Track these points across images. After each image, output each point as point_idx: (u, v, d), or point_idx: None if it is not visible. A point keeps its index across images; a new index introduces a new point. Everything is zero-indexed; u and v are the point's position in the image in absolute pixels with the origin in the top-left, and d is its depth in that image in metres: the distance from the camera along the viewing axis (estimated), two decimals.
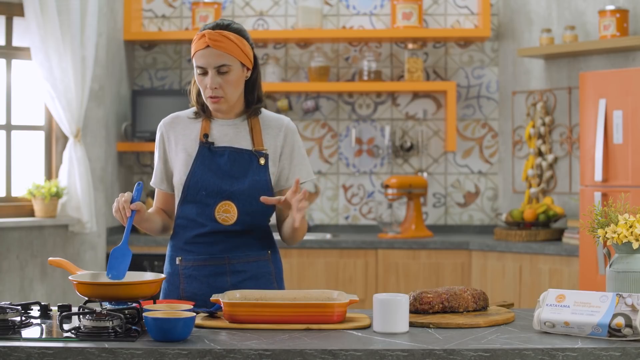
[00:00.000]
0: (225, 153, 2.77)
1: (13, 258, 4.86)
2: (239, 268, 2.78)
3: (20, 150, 5.09)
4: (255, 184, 2.75)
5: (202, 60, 2.70)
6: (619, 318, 2.16)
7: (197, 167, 2.76)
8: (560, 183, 5.43)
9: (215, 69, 2.70)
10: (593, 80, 4.53)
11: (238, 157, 2.77)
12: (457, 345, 2.12)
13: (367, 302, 4.96)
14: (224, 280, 2.76)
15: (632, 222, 2.39)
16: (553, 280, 4.80)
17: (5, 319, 2.27)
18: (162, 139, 2.84)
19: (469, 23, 5.73)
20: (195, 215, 2.76)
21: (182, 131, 2.82)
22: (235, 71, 2.72)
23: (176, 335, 2.18)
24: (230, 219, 2.75)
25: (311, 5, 5.62)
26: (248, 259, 2.79)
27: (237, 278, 2.77)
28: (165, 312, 2.26)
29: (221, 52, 2.69)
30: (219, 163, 2.76)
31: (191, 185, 2.75)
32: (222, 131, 2.80)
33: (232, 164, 2.76)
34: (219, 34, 2.69)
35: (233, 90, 2.74)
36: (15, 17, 5.01)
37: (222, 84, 2.71)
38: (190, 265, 2.77)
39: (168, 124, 2.85)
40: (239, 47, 2.72)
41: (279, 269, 2.91)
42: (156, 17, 5.80)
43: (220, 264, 2.77)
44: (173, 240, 2.84)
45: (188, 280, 2.77)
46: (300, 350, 2.09)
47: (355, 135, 5.75)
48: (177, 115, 2.87)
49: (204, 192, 2.74)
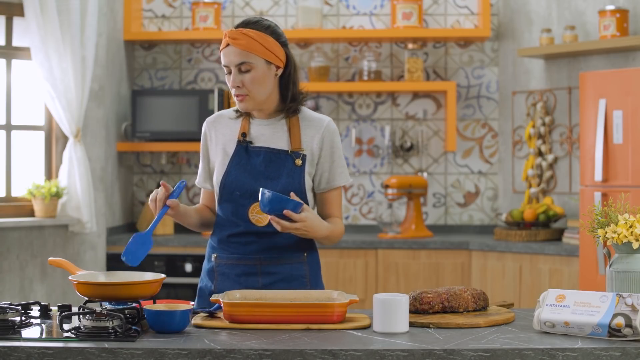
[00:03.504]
0: (262, 153, 2.77)
1: (13, 258, 4.86)
2: (271, 270, 2.77)
3: (20, 150, 5.09)
4: (288, 185, 2.74)
5: (225, 59, 2.72)
6: (619, 318, 2.16)
7: (233, 167, 2.77)
8: (560, 183, 5.43)
9: (236, 67, 2.70)
10: (593, 80, 4.53)
11: (274, 158, 2.76)
12: (457, 345, 2.12)
13: (367, 302, 4.96)
14: (255, 281, 2.76)
15: (632, 222, 2.39)
16: (553, 280, 4.80)
17: (5, 319, 2.27)
18: (206, 138, 2.86)
19: (469, 23, 5.73)
20: (231, 214, 2.77)
21: (222, 130, 2.83)
22: (258, 69, 2.71)
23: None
24: (264, 220, 2.74)
25: (311, 5, 5.62)
26: (280, 260, 2.78)
27: (269, 279, 2.76)
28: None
29: (241, 50, 2.68)
30: (254, 163, 2.76)
31: (226, 185, 2.76)
32: (260, 131, 2.80)
33: (267, 164, 2.75)
34: (239, 32, 2.69)
35: (258, 88, 2.72)
36: (15, 17, 5.01)
37: (244, 82, 2.70)
38: (224, 263, 2.79)
39: (211, 122, 2.86)
40: (261, 45, 2.71)
41: (316, 271, 2.89)
42: (156, 17, 5.80)
43: (252, 264, 2.76)
44: (212, 238, 2.86)
45: (222, 277, 2.79)
46: (300, 350, 2.09)
47: (355, 135, 5.75)
48: (221, 114, 2.88)
49: (238, 192, 2.75)
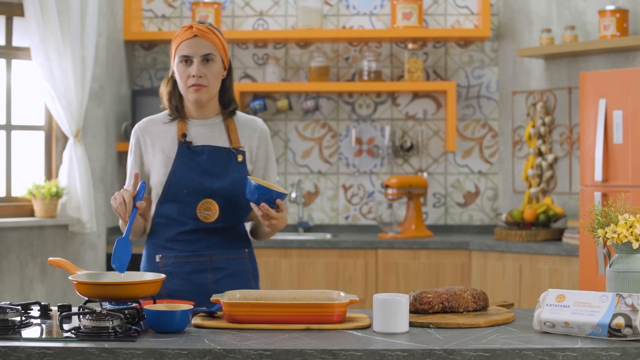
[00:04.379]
0: (205, 151, 2.83)
1: (13, 258, 4.86)
2: (219, 265, 2.84)
3: (20, 150, 5.09)
4: (235, 181, 2.82)
5: (189, 49, 2.79)
6: (619, 318, 2.16)
7: (178, 167, 2.81)
8: (560, 183, 5.43)
9: (201, 57, 2.78)
10: (593, 80, 4.53)
11: (217, 155, 2.84)
12: (457, 345, 2.12)
13: (367, 302, 4.96)
14: (204, 277, 2.81)
15: (632, 222, 2.39)
16: (553, 280, 4.80)
17: (5, 319, 2.27)
18: (138, 143, 2.89)
19: (469, 23, 5.73)
20: (176, 214, 2.81)
21: (157, 134, 2.88)
22: (218, 63, 2.82)
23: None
24: (212, 216, 2.81)
25: (311, 5, 5.62)
26: (228, 256, 2.86)
27: (217, 275, 2.83)
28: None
29: (208, 43, 2.80)
30: (199, 161, 2.82)
31: (172, 185, 2.80)
32: (199, 131, 2.87)
33: (212, 162, 2.83)
34: (206, 27, 2.82)
35: (215, 82, 2.83)
36: (15, 17, 5.00)
37: (206, 73, 2.79)
38: (171, 262, 2.82)
39: (143, 127, 2.91)
40: (222, 44, 2.85)
41: (255, 268, 2.98)
42: (156, 17, 5.80)
43: (202, 261, 2.83)
44: (151, 239, 2.89)
45: (168, 277, 2.80)
46: (300, 350, 2.09)
47: (355, 135, 5.75)
48: (151, 119, 2.94)
49: (185, 190, 2.79)
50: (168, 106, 2.89)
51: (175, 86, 2.89)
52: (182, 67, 2.81)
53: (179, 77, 2.83)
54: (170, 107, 2.89)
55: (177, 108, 2.88)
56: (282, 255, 5.15)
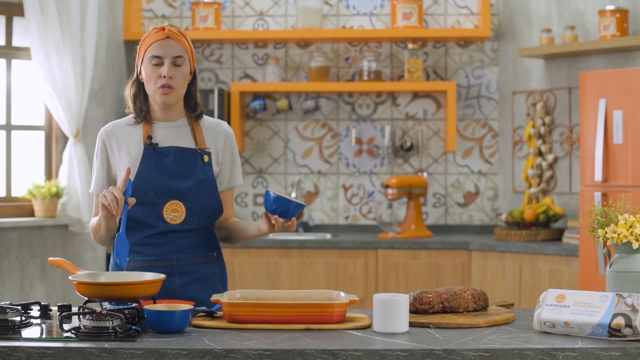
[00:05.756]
0: (171, 153, 2.82)
1: (13, 258, 4.86)
2: (187, 269, 2.82)
3: (20, 150, 5.09)
4: (201, 182, 2.82)
5: (160, 50, 2.80)
6: (619, 318, 2.16)
7: (144, 169, 2.79)
8: (560, 183, 5.43)
9: (172, 59, 2.79)
10: (593, 80, 4.53)
11: (183, 156, 2.83)
12: (457, 345, 2.12)
13: (367, 302, 4.96)
14: (172, 281, 2.79)
15: (632, 222, 2.39)
16: (553, 280, 4.80)
17: (5, 319, 2.27)
18: (104, 146, 2.87)
19: (469, 23, 5.73)
20: (143, 216, 2.78)
21: (123, 137, 2.86)
22: (186, 67, 2.83)
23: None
24: (179, 218, 2.80)
25: (311, 5, 5.62)
26: (195, 260, 2.84)
27: (185, 279, 2.81)
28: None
29: (179, 45, 2.82)
30: (165, 163, 2.81)
31: (139, 187, 2.77)
32: (164, 133, 2.86)
33: (178, 163, 2.82)
34: (177, 30, 2.85)
35: (182, 85, 2.83)
36: (15, 17, 5.01)
37: (176, 75, 2.80)
38: (139, 266, 2.80)
39: (109, 131, 2.89)
40: (191, 48, 2.87)
41: (223, 272, 2.95)
42: (156, 17, 5.80)
43: (170, 265, 2.80)
44: None
45: None
46: (300, 350, 2.09)
47: (355, 135, 5.75)
48: (116, 123, 2.92)
49: (152, 192, 2.78)
50: (133, 109, 2.86)
51: (140, 88, 2.86)
52: (152, 68, 2.80)
53: (147, 78, 2.81)
54: (135, 109, 2.86)
55: (142, 110, 2.85)
56: (282, 255, 5.15)
